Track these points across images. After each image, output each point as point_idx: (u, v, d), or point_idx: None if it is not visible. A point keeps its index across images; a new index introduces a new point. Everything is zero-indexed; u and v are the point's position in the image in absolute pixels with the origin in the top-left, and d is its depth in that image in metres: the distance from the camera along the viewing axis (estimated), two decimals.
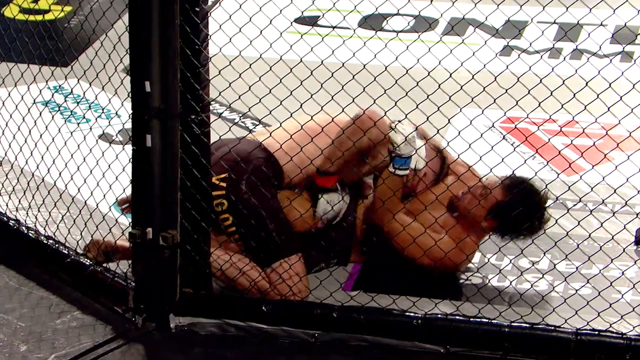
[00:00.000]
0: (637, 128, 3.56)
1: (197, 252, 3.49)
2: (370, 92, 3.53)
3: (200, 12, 3.35)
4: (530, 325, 3.34)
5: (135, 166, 3.45)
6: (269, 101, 3.47)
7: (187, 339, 3.49)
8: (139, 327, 3.53)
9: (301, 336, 3.46)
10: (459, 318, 3.39)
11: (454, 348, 3.37)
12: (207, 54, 3.40)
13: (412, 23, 5.67)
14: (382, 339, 3.41)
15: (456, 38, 4.76)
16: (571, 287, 3.71)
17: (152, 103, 3.37)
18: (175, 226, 3.46)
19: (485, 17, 3.56)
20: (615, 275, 3.74)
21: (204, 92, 3.41)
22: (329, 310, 3.45)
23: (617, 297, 3.58)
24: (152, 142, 3.39)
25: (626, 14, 3.70)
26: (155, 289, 3.52)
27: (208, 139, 3.46)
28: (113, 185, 3.68)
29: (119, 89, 3.61)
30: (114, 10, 3.75)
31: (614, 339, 3.27)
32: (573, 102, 3.47)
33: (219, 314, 3.51)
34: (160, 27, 3.32)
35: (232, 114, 4.96)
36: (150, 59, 3.34)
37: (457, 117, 3.97)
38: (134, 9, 3.35)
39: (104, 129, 4.40)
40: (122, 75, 3.61)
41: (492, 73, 3.37)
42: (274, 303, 3.49)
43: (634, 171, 4.34)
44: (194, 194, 3.45)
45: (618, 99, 3.27)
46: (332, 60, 3.47)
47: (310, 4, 3.64)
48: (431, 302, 3.50)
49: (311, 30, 3.92)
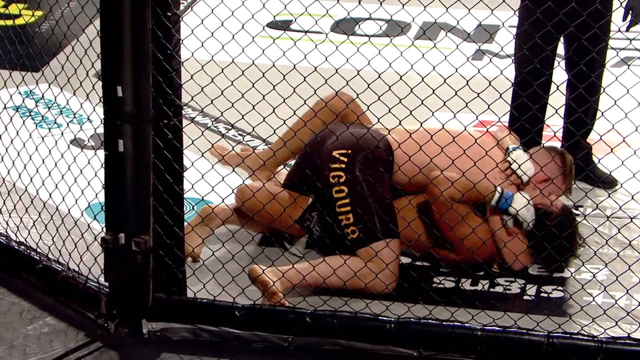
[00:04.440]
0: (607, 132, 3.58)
1: (170, 257, 3.48)
2: None
3: (172, 17, 3.35)
4: (502, 328, 3.35)
5: (107, 171, 3.44)
6: (242, 106, 3.46)
7: (159, 345, 3.48)
8: (111, 332, 3.51)
9: (275, 341, 3.46)
10: (432, 322, 3.39)
11: (427, 352, 3.38)
12: (179, 58, 3.40)
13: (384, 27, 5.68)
14: (355, 343, 3.42)
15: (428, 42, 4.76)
16: (543, 290, 3.73)
17: (124, 108, 3.37)
18: (148, 231, 3.45)
19: (456, 22, 3.57)
20: (586, 278, 3.76)
21: (176, 97, 3.40)
22: (303, 314, 3.45)
23: (588, 300, 3.60)
24: (125, 147, 3.38)
25: None
26: (127, 294, 3.50)
27: (180, 144, 3.45)
28: (85, 190, 3.67)
29: (91, 93, 3.60)
30: (85, 14, 3.74)
31: (585, 342, 3.28)
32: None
33: (192, 319, 3.50)
34: (132, 31, 3.32)
35: (204, 118, 4.95)
36: (122, 64, 3.33)
37: (429, 121, 3.98)
38: (105, 14, 3.34)
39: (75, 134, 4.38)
40: (94, 80, 3.59)
41: (464, 77, 3.38)
42: (247, 308, 3.48)
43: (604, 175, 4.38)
44: (167, 199, 3.44)
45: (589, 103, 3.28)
46: (304, 65, 3.47)
47: (282, 9, 3.64)
48: (404, 306, 3.51)
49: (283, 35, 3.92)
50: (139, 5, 3.30)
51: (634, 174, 3.41)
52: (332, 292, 3.66)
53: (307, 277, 3.63)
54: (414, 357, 3.37)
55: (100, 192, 3.55)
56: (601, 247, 3.79)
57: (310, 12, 3.62)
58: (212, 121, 4.90)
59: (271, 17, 4.05)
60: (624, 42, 5.12)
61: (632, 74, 3.50)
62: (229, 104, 3.45)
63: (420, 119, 3.64)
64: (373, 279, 3.64)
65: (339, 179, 3.75)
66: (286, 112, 3.52)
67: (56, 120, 4.48)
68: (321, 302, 3.57)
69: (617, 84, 3.40)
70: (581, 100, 4.19)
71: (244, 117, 3.48)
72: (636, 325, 3.34)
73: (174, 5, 3.35)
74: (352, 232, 3.72)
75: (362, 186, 3.74)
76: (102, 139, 3.43)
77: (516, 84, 4.25)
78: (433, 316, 3.42)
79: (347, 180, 3.75)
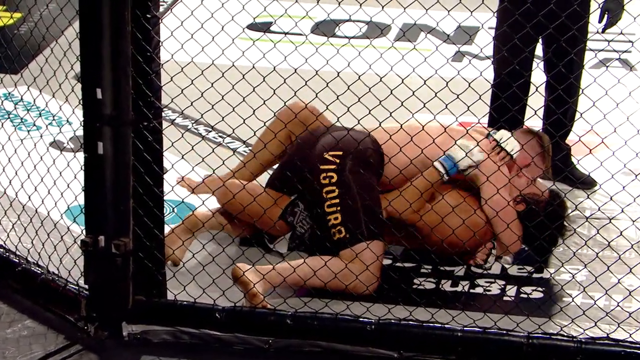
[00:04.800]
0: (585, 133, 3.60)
1: (150, 260, 3.48)
2: (323, 98, 3.54)
3: (152, 19, 3.34)
4: (482, 329, 3.36)
5: (87, 174, 3.43)
6: (222, 107, 3.46)
7: (140, 347, 3.47)
8: (91, 335, 3.50)
9: (255, 343, 3.46)
10: (413, 323, 3.40)
11: (408, 353, 3.39)
12: (159, 60, 3.39)
13: (364, 29, 5.69)
14: (336, 345, 3.42)
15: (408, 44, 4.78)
16: (523, 291, 3.74)
17: (103, 110, 3.36)
18: (128, 234, 3.45)
19: (436, 23, 3.58)
20: (565, 279, 3.78)
21: (156, 99, 3.40)
22: (283, 316, 3.45)
23: (567, 301, 3.62)
24: (104, 149, 3.38)
25: None
26: (107, 297, 3.50)
27: (160, 146, 3.44)
28: (64, 193, 3.66)
29: (70, 96, 3.59)
30: (64, 16, 3.73)
31: (565, 342, 3.30)
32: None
33: (172, 321, 3.50)
34: (111, 33, 3.31)
35: (184, 120, 4.95)
36: (101, 66, 3.32)
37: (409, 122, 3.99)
38: (84, 16, 3.33)
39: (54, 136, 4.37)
40: (73, 82, 3.58)
41: (444, 79, 3.39)
42: (227, 310, 3.48)
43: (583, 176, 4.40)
44: (147, 201, 3.44)
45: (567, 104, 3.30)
46: (284, 67, 3.47)
47: (262, 11, 3.64)
48: (385, 308, 3.51)
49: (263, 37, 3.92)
50: (118, 7, 3.29)
51: (613, 175, 3.43)
52: (313, 294, 3.66)
53: (290, 278, 3.63)
54: (395, 358, 3.38)
55: (79, 195, 3.53)
56: (580, 247, 3.80)
57: (290, 13, 3.61)
58: (192, 123, 4.89)
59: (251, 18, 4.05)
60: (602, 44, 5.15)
61: (610, 75, 3.52)
62: (209, 105, 3.45)
63: (400, 121, 3.65)
64: (354, 280, 3.65)
65: (330, 179, 3.78)
66: (266, 113, 3.52)
67: (35, 123, 4.47)
68: (301, 304, 3.57)
69: (595, 85, 3.41)
70: (560, 102, 4.21)
71: (224, 119, 3.48)
72: (615, 326, 3.36)
73: (154, 7, 3.35)
74: (338, 231, 3.73)
75: (352, 187, 3.77)
76: (81, 141, 3.42)
77: (495, 85, 4.26)
78: (413, 317, 3.43)
79: (338, 181, 3.77)
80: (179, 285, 3.55)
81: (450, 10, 3.37)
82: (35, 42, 3.92)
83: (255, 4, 3.62)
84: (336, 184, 3.78)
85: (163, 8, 6.02)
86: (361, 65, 3.52)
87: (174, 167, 3.60)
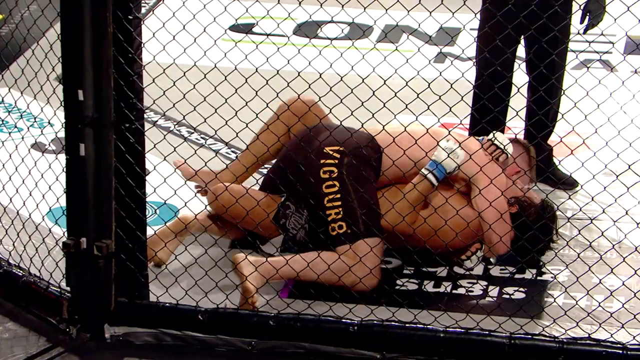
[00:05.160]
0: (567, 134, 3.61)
1: (133, 262, 3.47)
2: None
3: (133, 20, 3.33)
4: (465, 330, 3.37)
5: (68, 175, 3.42)
6: (204, 109, 3.46)
7: (122, 349, 3.46)
8: (73, 337, 3.49)
9: (238, 344, 3.45)
10: (395, 324, 3.41)
11: (391, 354, 3.39)
12: (141, 62, 3.38)
13: (346, 30, 5.69)
14: (319, 346, 3.42)
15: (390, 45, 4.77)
16: (505, 292, 3.76)
17: (85, 112, 3.35)
18: (110, 235, 3.44)
19: (418, 25, 3.59)
20: (547, 279, 3.79)
21: (138, 101, 3.39)
22: (266, 318, 3.45)
23: (549, 301, 3.63)
24: (86, 151, 3.37)
25: None
26: (89, 299, 3.49)
27: (142, 148, 3.44)
28: (46, 194, 3.65)
29: (52, 97, 3.58)
30: (45, 18, 3.72)
31: (546, 343, 3.31)
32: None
33: (155, 323, 3.49)
34: (92, 35, 3.30)
35: (167, 122, 4.94)
36: (82, 68, 3.32)
37: (392, 124, 3.99)
38: (65, 17, 3.32)
39: (36, 138, 4.35)
40: (55, 84, 3.57)
41: (426, 80, 3.40)
42: (210, 312, 3.48)
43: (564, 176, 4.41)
44: (129, 203, 3.43)
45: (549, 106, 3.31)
46: (266, 68, 3.47)
47: (244, 12, 3.64)
48: (367, 309, 3.52)
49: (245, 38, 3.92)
50: (99, 9, 3.28)
51: (594, 176, 3.44)
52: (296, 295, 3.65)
53: (288, 271, 3.64)
54: (378, 359, 3.38)
55: (61, 197, 3.52)
56: (562, 248, 3.82)
57: (272, 15, 3.61)
58: (175, 125, 4.88)
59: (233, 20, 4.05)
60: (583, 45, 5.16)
61: (591, 76, 3.53)
62: (191, 107, 3.44)
63: (382, 122, 3.65)
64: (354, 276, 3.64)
65: (330, 174, 3.78)
66: (248, 115, 3.51)
67: (16, 125, 4.45)
68: (284, 305, 3.57)
69: (576, 86, 3.43)
70: (541, 102, 4.22)
71: (206, 121, 3.47)
72: (596, 326, 3.37)
73: (135, 8, 3.34)
74: (339, 226, 3.73)
75: (352, 183, 3.77)
76: (63, 143, 3.41)
77: (477, 86, 4.28)
78: (396, 318, 3.43)
79: (339, 176, 3.77)
80: (161, 287, 3.55)
81: (432, 12, 3.38)
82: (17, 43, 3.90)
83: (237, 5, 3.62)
84: (337, 178, 3.77)
85: (145, 9, 6.01)
86: (343, 66, 3.52)
87: (156, 168, 3.59)
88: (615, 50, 5.46)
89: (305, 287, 3.75)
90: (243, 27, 5.40)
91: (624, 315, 3.42)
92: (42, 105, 3.71)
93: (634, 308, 3.42)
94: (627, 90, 3.58)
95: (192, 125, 4.65)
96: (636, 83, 3.89)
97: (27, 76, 3.73)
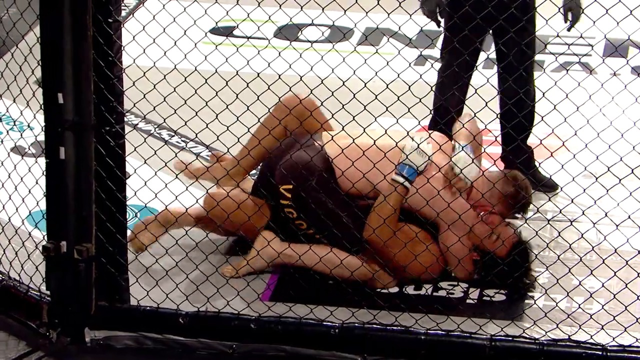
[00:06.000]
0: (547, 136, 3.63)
1: (113, 265, 3.46)
2: None
3: (114, 23, 3.33)
4: (445, 332, 3.37)
5: (49, 179, 3.41)
6: (185, 112, 3.45)
7: (102, 353, 3.46)
8: (53, 341, 3.48)
9: (219, 348, 3.45)
10: (376, 327, 3.41)
11: (372, 356, 3.39)
12: (121, 65, 3.38)
13: (327, 33, 5.70)
14: (300, 349, 3.42)
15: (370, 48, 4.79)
16: (485, 294, 3.77)
17: (65, 115, 3.34)
18: (90, 239, 3.43)
19: (398, 27, 3.59)
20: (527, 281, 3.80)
21: (118, 104, 3.39)
22: (247, 321, 3.45)
23: (529, 303, 3.64)
24: (66, 154, 3.36)
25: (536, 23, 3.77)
26: (70, 302, 3.48)
27: (123, 151, 3.43)
28: (26, 198, 3.63)
29: (31, 101, 3.57)
30: (24, 21, 3.70)
31: (527, 345, 3.32)
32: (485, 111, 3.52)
33: (136, 326, 3.48)
34: (72, 38, 3.29)
35: (147, 125, 4.93)
36: (62, 71, 3.31)
37: (372, 126, 4.00)
38: (45, 20, 3.31)
39: (16, 141, 4.33)
40: (34, 87, 3.56)
41: (406, 82, 3.41)
42: (191, 315, 3.47)
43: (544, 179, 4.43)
44: (109, 207, 3.42)
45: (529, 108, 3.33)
46: (247, 71, 3.47)
47: (224, 15, 3.64)
48: (348, 312, 3.52)
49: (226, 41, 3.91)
50: (79, 12, 3.27)
51: (574, 178, 3.45)
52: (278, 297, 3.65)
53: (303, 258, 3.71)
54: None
55: (41, 200, 3.51)
56: (542, 250, 3.83)
57: (253, 18, 3.61)
58: (155, 128, 4.88)
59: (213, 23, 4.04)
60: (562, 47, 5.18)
61: (571, 79, 3.55)
62: (172, 110, 3.44)
63: (363, 124, 3.66)
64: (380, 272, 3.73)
65: (292, 215, 3.80)
66: (229, 118, 3.51)
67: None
68: (265, 308, 3.56)
69: (556, 88, 3.44)
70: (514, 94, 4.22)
71: (187, 124, 3.47)
72: (576, 328, 3.39)
73: (115, 11, 3.33)
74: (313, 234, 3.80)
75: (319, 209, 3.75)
76: (43, 146, 3.40)
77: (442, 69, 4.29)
78: (377, 321, 3.44)
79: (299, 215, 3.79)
80: (142, 291, 3.54)
81: (412, 15, 3.39)
82: None
83: (217, 8, 3.61)
84: (299, 217, 3.79)
85: (125, 12, 5.99)
86: (324, 69, 3.52)
87: (137, 171, 3.59)
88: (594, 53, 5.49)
89: (286, 290, 3.75)
90: (223, 30, 5.39)
91: (603, 317, 3.43)
92: (22, 108, 3.70)
93: (613, 310, 3.43)
94: (606, 93, 3.59)
95: (172, 128, 4.64)
96: (615, 85, 3.91)
97: (7, 79, 3.71)
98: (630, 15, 3.37)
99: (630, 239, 3.60)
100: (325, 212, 3.74)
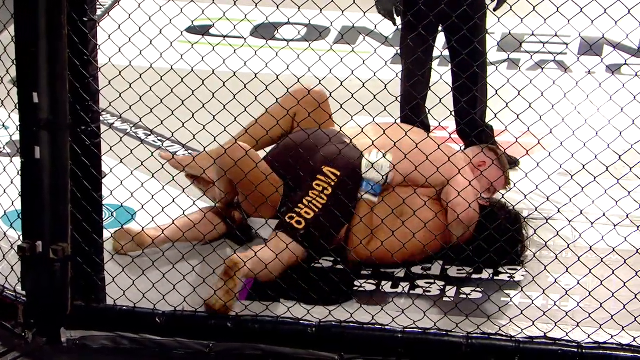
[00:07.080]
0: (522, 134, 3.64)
1: (89, 265, 3.45)
2: (262, 101, 3.54)
3: (89, 22, 3.32)
4: (422, 330, 3.38)
5: (24, 179, 3.40)
6: (161, 111, 3.45)
7: (79, 353, 3.45)
8: (29, 342, 3.47)
9: (196, 347, 3.45)
10: (353, 325, 3.42)
11: (349, 355, 3.40)
12: (97, 64, 3.37)
13: (303, 32, 5.70)
14: (276, 348, 3.42)
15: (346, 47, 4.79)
16: (462, 291, 3.78)
17: (40, 114, 3.33)
18: (66, 239, 3.42)
19: (374, 26, 3.60)
20: (504, 279, 3.82)
21: (94, 103, 3.38)
22: (224, 320, 3.44)
23: (506, 301, 3.66)
24: (41, 154, 3.35)
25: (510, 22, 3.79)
26: (45, 302, 3.46)
27: (99, 150, 3.42)
28: (1, 198, 3.62)
29: (6, 100, 3.55)
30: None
31: (503, 342, 3.33)
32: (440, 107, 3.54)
33: (112, 326, 3.48)
34: (47, 37, 3.28)
35: (123, 124, 4.92)
36: (37, 70, 3.30)
37: (349, 125, 4.01)
38: (20, 19, 3.29)
39: None
40: (9, 87, 3.55)
41: (383, 81, 3.41)
42: (167, 315, 3.46)
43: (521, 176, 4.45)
44: (85, 206, 3.41)
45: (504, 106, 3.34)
46: (223, 70, 3.47)
47: (200, 14, 3.63)
48: (325, 310, 3.52)
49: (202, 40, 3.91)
50: (54, 11, 3.26)
51: (549, 176, 3.47)
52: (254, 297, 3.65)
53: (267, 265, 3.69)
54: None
55: (16, 200, 3.50)
56: (517, 248, 3.85)
57: (229, 17, 3.61)
58: (131, 127, 4.86)
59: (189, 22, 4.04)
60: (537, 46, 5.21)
61: (546, 77, 3.56)
62: (148, 109, 3.43)
63: (339, 123, 3.66)
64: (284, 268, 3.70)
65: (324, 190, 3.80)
66: (206, 117, 3.51)
67: None
68: (242, 307, 3.56)
69: (531, 87, 3.45)
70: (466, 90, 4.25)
71: (162, 123, 3.46)
72: (552, 325, 3.40)
73: (91, 10, 3.32)
74: (297, 222, 3.76)
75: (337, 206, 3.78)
76: (18, 146, 3.38)
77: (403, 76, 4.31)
78: (354, 319, 3.44)
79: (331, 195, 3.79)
80: (118, 291, 3.53)
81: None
82: None
83: (193, 7, 3.61)
84: (329, 196, 3.79)
85: (100, 11, 5.97)
86: (300, 68, 3.53)
87: (113, 171, 3.58)
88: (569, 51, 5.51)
89: (263, 289, 3.75)
90: (199, 29, 5.39)
91: (579, 314, 3.45)
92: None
93: (589, 307, 3.45)
94: (581, 91, 3.61)
95: (148, 127, 4.64)
96: (590, 84, 3.93)
97: None
98: (605, 14, 3.39)
99: (605, 237, 3.63)
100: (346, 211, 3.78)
